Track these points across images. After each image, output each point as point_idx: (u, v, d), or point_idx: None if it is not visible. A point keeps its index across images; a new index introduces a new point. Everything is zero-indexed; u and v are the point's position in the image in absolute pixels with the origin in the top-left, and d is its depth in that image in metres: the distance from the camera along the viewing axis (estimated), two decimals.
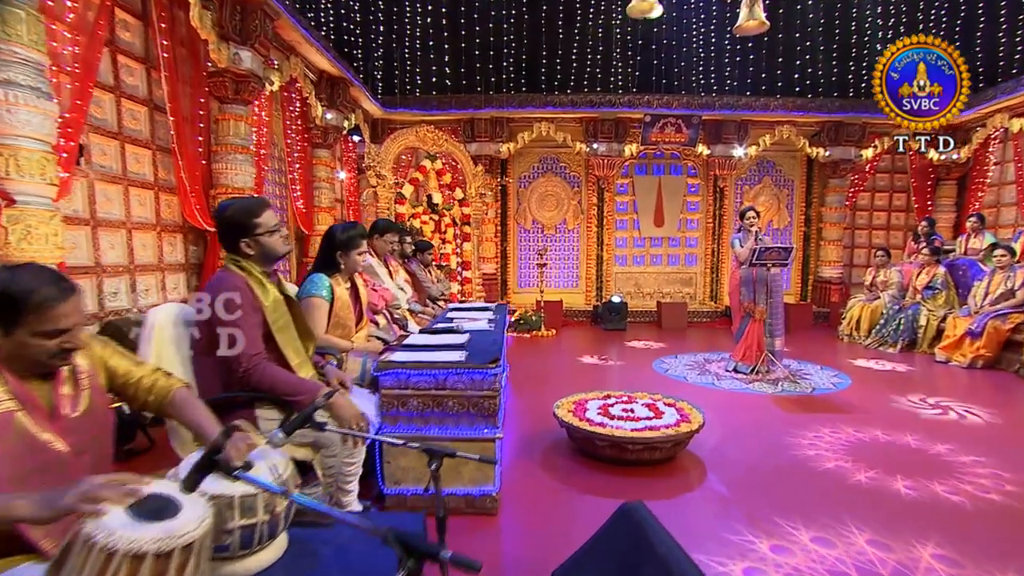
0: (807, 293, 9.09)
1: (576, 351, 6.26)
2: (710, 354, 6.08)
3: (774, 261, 4.82)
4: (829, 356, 6.13)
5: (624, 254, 9.15)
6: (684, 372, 5.21)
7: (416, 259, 5.28)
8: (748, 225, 5.17)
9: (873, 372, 5.37)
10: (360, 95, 7.45)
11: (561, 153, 8.95)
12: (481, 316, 3.84)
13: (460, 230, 7.82)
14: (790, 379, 4.87)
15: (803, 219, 9.06)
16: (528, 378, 4.97)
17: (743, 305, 5.19)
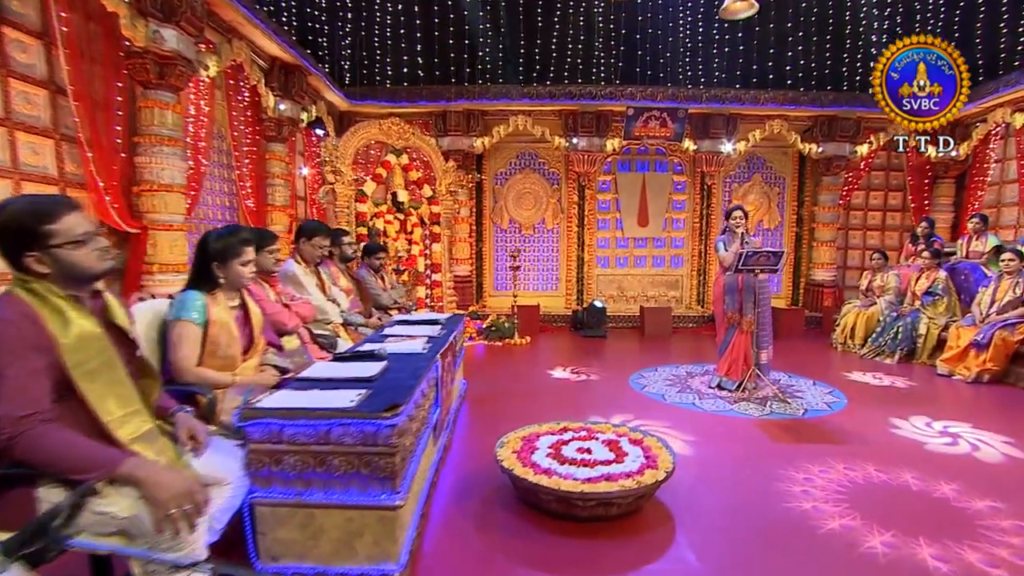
0: (799, 297, 8.58)
1: (548, 362, 5.72)
2: (693, 366, 5.55)
3: (762, 266, 4.28)
4: (822, 368, 5.62)
5: (606, 255, 8.61)
6: (663, 389, 4.68)
7: (364, 263, 4.73)
8: (734, 226, 4.64)
9: (870, 388, 4.86)
10: (321, 85, 6.86)
11: (540, 148, 8.39)
12: (422, 332, 3.29)
13: (429, 230, 7.25)
14: (779, 397, 4.34)
15: (795, 219, 8.55)
16: (487, 397, 4.42)
17: (727, 315, 4.66)
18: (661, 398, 4.38)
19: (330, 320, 3.42)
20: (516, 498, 2.56)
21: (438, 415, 2.76)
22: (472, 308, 8.15)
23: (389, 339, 3.14)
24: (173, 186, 4.42)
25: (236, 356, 2.24)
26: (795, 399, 4.36)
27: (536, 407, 4.12)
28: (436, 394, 2.73)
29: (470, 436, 3.49)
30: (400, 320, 3.88)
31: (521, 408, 4.10)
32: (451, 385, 3.37)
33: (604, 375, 5.21)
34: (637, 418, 3.84)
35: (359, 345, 2.98)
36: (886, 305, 6.37)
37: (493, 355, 6.28)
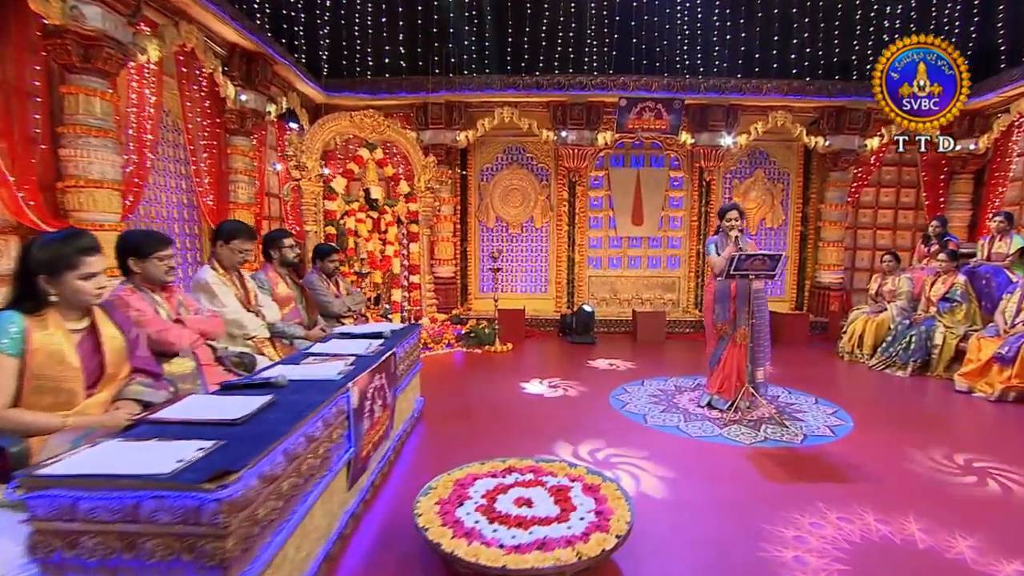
0: (803, 301, 7.99)
1: (526, 373, 5.21)
2: (684, 379, 5.02)
3: (757, 271, 3.75)
4: (827, 382, 5.06)
5: (599, 256, 8.08)
6: (646, 407, 4.16)
7: (316, 267, 4.25)
8: (728, 227, 4.10)
9: (880, 407, 4.30)
10: (292, 75, 6.39)
11: (527, 142, 7.87)
12: (353, 350, 2.80)
13: (406, 229, 6.77)
14: (776, 420, 3.82)
15: (800, 217, 7.96)
16: (447, 417, 3.94)
17: (717, 326, 4.14)
18: (642, 420, 3.87)
19: (252, 334, 2.95)
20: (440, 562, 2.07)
21: (353, 453, 2.27)
22: (455, 311, 7.67)
23: (309, 359, 2.66)
24: (104, 182, 3.96)
25: (77, 392, 1.77)
26: (794, 422, 3.83)
27: (498, 431, 3.63)
28: (349, 431, 2.24)
29: (411, 472, 3.00)
30: (341, 333, 3.40)
31: (481, 432, 3.61)
32: (388, 411, 2.89)
33: (584, 389, 4.70)
34: (609, 446, 3.34)
35: (269, 367, 2.50)
36: (897, 312, 5.80)
37: (469, 364, 5.80)
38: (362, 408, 2.41)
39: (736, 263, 3.71)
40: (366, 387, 2.49)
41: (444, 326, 6.64)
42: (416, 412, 3.76)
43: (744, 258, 3.69)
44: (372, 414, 2.58)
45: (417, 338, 3.83)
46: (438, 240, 7.72)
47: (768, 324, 4.10)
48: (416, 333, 3.80)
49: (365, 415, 2.45)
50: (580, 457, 3.15)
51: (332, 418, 2.07)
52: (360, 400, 2.37)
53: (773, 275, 3.80)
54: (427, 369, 5.40)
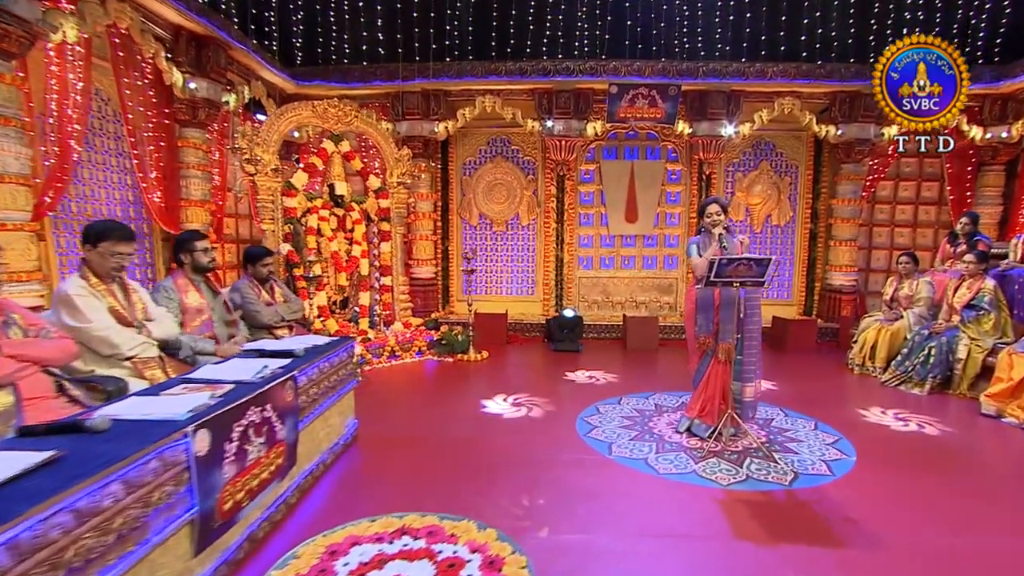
0: (812, 305, 7.34)
1: (492, 387, 4.72)
2: (668, 395, 4.49)
3: (742, 278, 3.19)
4: (831, 401, 4.47)
5: (590, 255, 7.53)
6: (616, 433, 3.63)
7: (248, 272, 3.81)
8: (710, 224, 3.56)
9: (891, 435, 3.71)
10: (253, 63, 5.96)
11: (512, 134, 7.36)
12: (240, 375, 2.34)
13: (377, 227, 6.31)
14: (764, 451, 3.26)
15: (809, 214, 7.30)
16: (384, 443, 3.47)
17: (700, 339, 3.59)
18: (606, 450, 3.34)
19: (127, 354, 2.50)
20: None
21: (200, 511, 1.80)
22: (435, 315, 7.21)
23: (179, 387, 2.20)
24: (4, 176, 3.56)
25: None
26: (785, 455, 3.27)
27: (436, 462, 3.15)
28: (191, 485, 1.77)
29: (316, 518, 2.53)
30: (249, 349, 2.94)
31: (417, 462, 3.13)
32: (282, 447, 2.42)
33: (551, 408, 4.18)
34: (560, 483, 2.82)
35: (111, 402, 2.05)
36: (915, 320, 5.16)
37: (434, 375, 5.33)
38: (220, 452, 1.94)
39: (717, 268, 3.16)
40: (233, 425, 2.02)
41: (418, 332, 6.17)
42: (345, 438, 3.29)
43: (725, 262, 3.14)
44: (245, 456, 2.11)
45: (347, 353, 3.36)
46: (416, 239, 7.26)
47: (759, 335, 3.53)
48: (345, 348, 3.33)
49: (228, 460, 1.98)
50: (520, 502, 2.64)
51: (151, 474, 1.61)
52: (217, 443, 1.90)
53: (762, 282, 3.23)
54: (386, 380, 4.97)
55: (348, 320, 6.04)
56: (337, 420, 3.20)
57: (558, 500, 2.67)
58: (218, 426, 1.93)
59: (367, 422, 3.77)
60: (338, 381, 3.20)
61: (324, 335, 5.16)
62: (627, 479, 2.93)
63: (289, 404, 2.51)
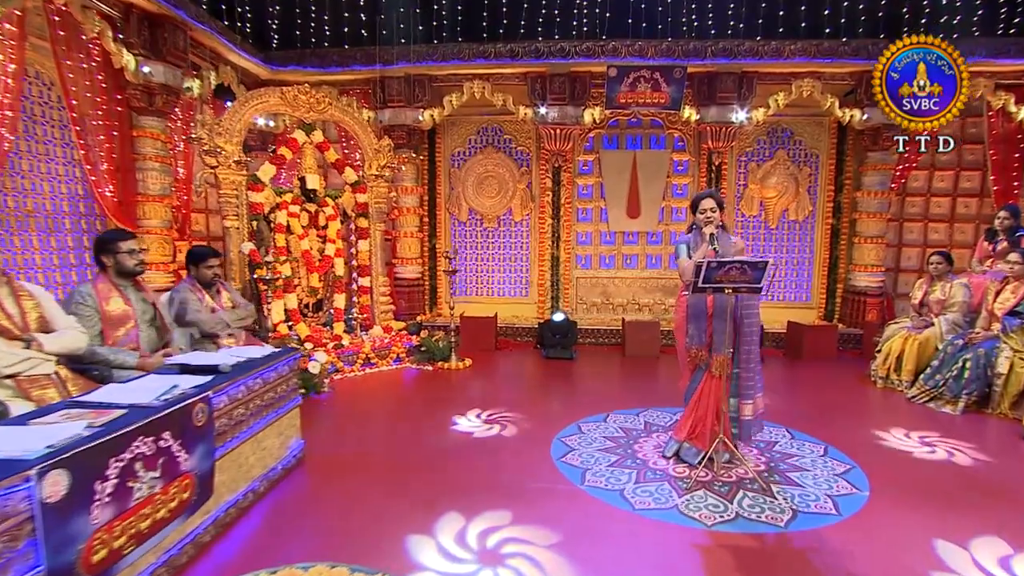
0: (834, 309, 6.95)
1: (468, 401, 4.49)
2: (661, 411, 4.20)
3: (734, 283, 2.90)
4: (846, 420, 4.13)
5: (588, 253, 7.25)
6: (592, 458, 3.37)
7: (191, 275, 3.61)
8: (703, 221, 3.28)
9: (913, 464, 3.37)
10: (219, 45, 5.78)
11: (504, 122, 7.09)
12: (139, 397, 2.13)
13: (354, 224, 6.10)
14: (759, 483, 2.97)
15: (831, 208, 6.90)
16: (335, 466, 3.25)
17: (691, 352, 3.30)
18: (579, 478, 3.07)
19: (5, 373, 2.30)
20: None
21: (46, 571, 1.59)
22: (421, 318, 7.00)
23: (60, 412, 2.00)
24: None
25: None
26: (784, 488, 2.97)
27: (383, 490, 2.92)
28: (32, 539, 1.56)
29: (234, 562, 2.31)
30: (170, 364, 2.73)
31: (360, 492, 2.90)
32: (187, 479, 2.20)
33: (527, 426, 3.93)
34: (515, 522, 2.57)
35: None
36: (948, 328, 4.79)
37: (409, 385, 5.12)
38: (87, 494, 1.72)
39: (705, 272, 2.87)
40: (110, 460, 1.80)
41: (398, 337, 5.95)
42: (286, 462, 3.08)
43: (714, 266, 2.85)
44: (129, 494, 1.89)
45: (288, 367, 3.14)
46: (400, 236, 7.05)
47: (758, 345, 3.24)
48: (286, 362, 3.11)
49: (99, 502, 1.76)
50: (464, 543, 2.39)
51: None
52: (81, 484, 1.69)
53: (758, 288, 2.93)
54: (355, 391, 4.76)
55: (322, 324, 5.85)
56: (275, 442, 2.98)
57: (512, 537, 2.42)
58: (84, 464, 1.71)
59: (322, 440, 3.59)
60: (275, 398, 2.98)
61: (288, 342, 5.01)
62: (595, 516, 2.65)
63: (200, 429, 2.29)
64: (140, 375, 2.58)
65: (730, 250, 3.21)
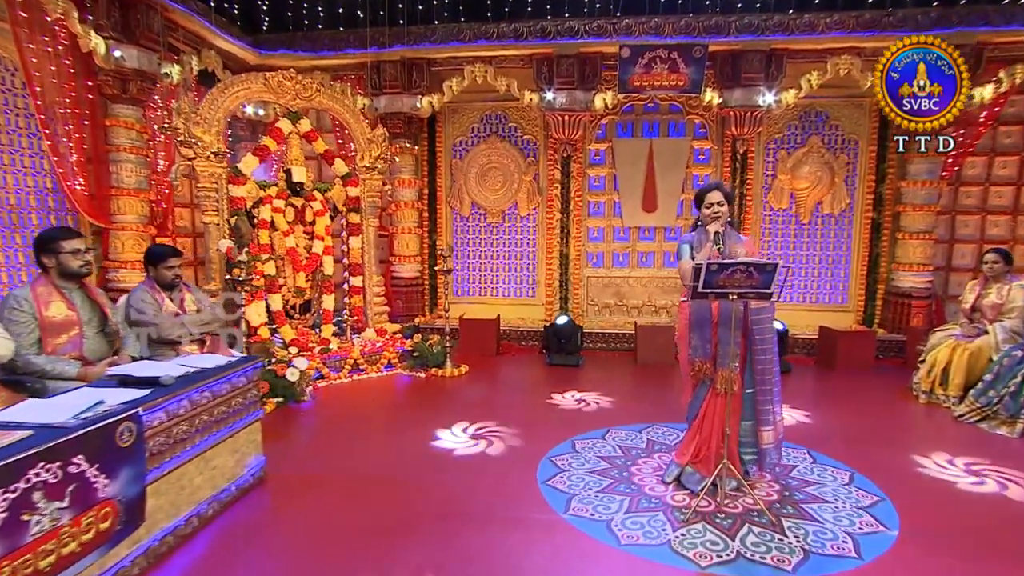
0: (874, 313, 6.55)
1: (455, 413, 4.32)
2: (667, 428, 3.97)
3: (741, 289, 2.66)
4: (878, 442, 3.81)
5: (600, 251, 7.00)
6: (582, 482, 3.16)
7: (149, 277, 3.52)
8: (709, 217, 3.04)
9: (956, 498, 3.06)
10: (200, 28, 5.73)
11: (510, 109, 6.90)
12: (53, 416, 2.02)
13: (345, 220, 6.00)
14: (769, 516, 2.72)
15: (871, 200, 6.50)
16: (301, 485, 3.13)
17: (694, 364, 3.07)
18: (563, 506, 2.87)
19: None
20: None
21: None
22: (419, 320, 6.87)
23: None
24: None
25: None
26: (799, 523, 2.71)
27: (342, 516, 2.77)
28: None
29: None
30: (110, 375, 2.62)
31: (318, 518, 2.76)
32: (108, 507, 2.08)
33: (516, 443, 3.74)
34: (474, 560, 2.38)
35: None
36: (1005, 336, 4.41)
37: (396, 394, 5.00)
38: None
39: (705, 276, 2.63)
40: None
41: (392, 340, 5.82)
42: (243, 482, 2.96)
43: (715, 269, 2.61)
44: (24, 529, 1.77)
45: (247, 378, 3.01)
46: (398, 232, 6.92)
47: (776, 361, 2.99)
48: (244, 372, 2.98)
49: None
50: None
51: None
52: None
53: (768, 294, 2.68)
54: (336, 401, 4.65)
55: (309, 327, 5.76)
56: (227, 460, 2.86)
57: None
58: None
59: (292, 454, 3.51)
60: (229, 413, 2.86)
61: (270, 346, 4.93)
62: (570, 553, 2.45)
63: (126, 451, 2.16)
64: (71, 387, 2.48)
65: (738, 251, 2.97)
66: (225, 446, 2.85)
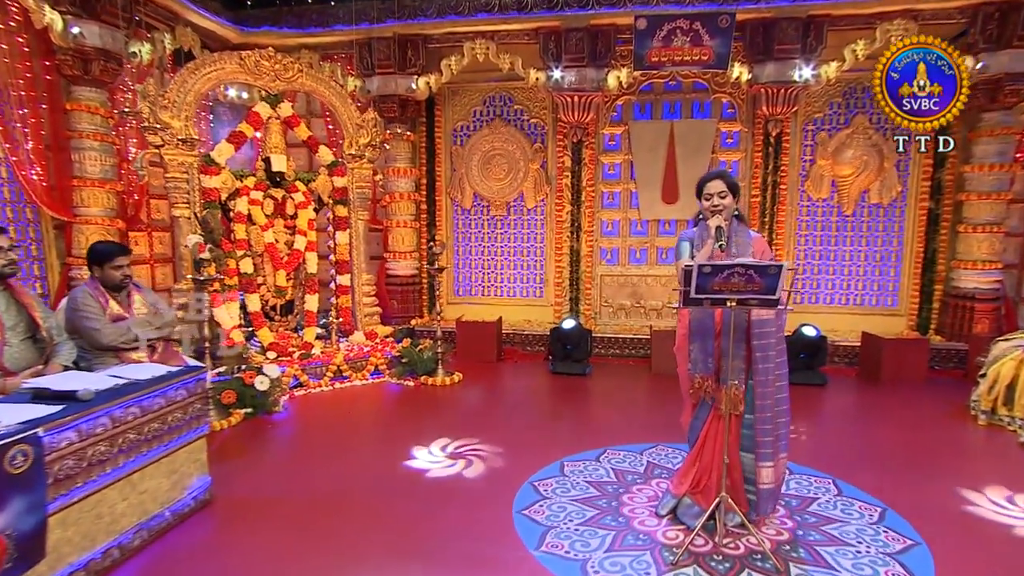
0: (929, 318, 6.12)
1: (437, 427, 4.17)
2: (673, 448, 3.75)
3: (741, 294, 2.42)
4: (919, 471, 3.50)
5: (615, 247, 6.77)
6: (565, 511, 2.96)
7: (92, 277, 3.45)
8: (709, 210, 2.81)
9: (1012, 545, 2.75)
10: (174, 3, 5.70)
11: (515, 90, 6.71)
12: None
13: (332, 213, 5.91)
14: (774, 562, 2.48)
15: (927, 187, 6.08)
16: (240, 511, 3.03)
17: (695, 381, 2.84)
18: (536, 541, 2.67)
19: None
20: None
21: None
22: (415, 322, 6.76)
23: None
24: None
25: None
26: (808, 571, 2.46)
27: (288, 547, 2.65)
28: None
29: None
30: (28, 388, 2.54)
31: (260, 549, 2.65)
32: None
33: (498, 463, 3.58)
34: None
35: None
36: None
37: (381, 405, 4.88)
38: None
39: (697, 279, 2.40)
40: None
41: (382, 345, 5.72)
42: (182, 506, 2.86)
43: (708, 271, 2.37)
44: None
45: (187, 390, 2.91)
46: (393, 226, 6.80)
47: (785, 380, 2.74)
48: (185, 383, 2.89)
49: None
50: None
51: None
52: None
53: (773, 301, 2.43)
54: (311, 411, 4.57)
55: (291, 330, 5.70)
56: (161, 483, 2.76)
57: None
58: None
59: (250, 473, 3.46)
60: (164, 430, 2.76)
61: (244, 352, 4.86)
62: None
63: (19, 477, 2.06)
64: None
65: (747, 250, 2.72)
66: (159, 467, 2.75)
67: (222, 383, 4.30)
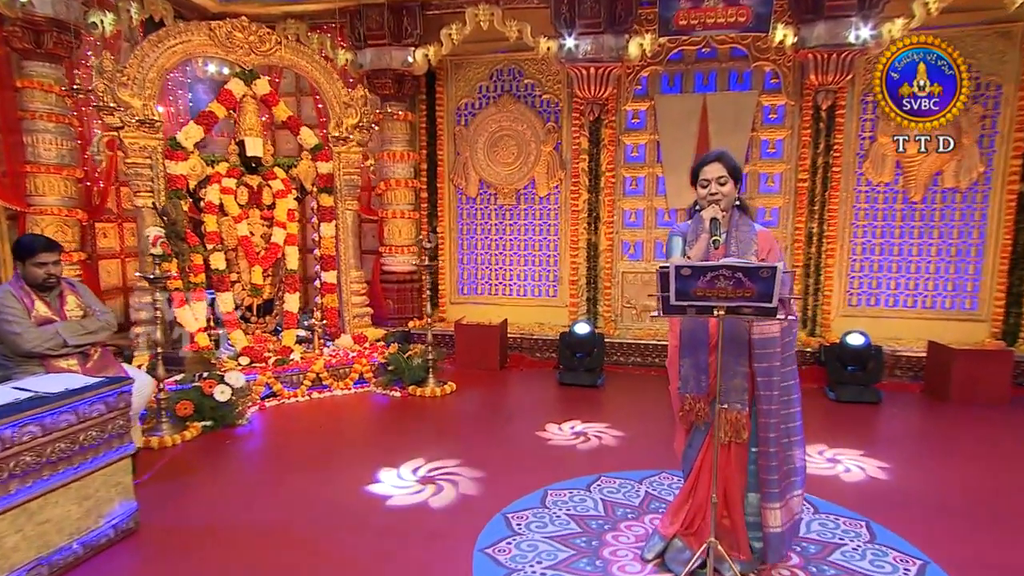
0: (1018, 325, 5.62)
1: (411, 447, 4.04)
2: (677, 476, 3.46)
3: (731, 301, 2.18)
4: (983, 514, 3.16)
5: (639, 239, 6.52)
6: (535, 552, 2.77)
7: (16, 275, 3.44)
8: (705, 199, 2.59)
9: None
10: None
11: (524, 62, 6.51)
12: None
13: (316, 202, 5.84)
14: None
15: (1018, 168, 5.58)
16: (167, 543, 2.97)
17: (686, 401, 2.61)
18: None
19: None
20: None
21: None
22: (414, 324, 6.65)
23: None
24: None
25: None
26: None
27: None
28: None
29: None
30: None
31: None
32: None
33: (471, 491, 3.42)
34: None
35: None
36: None
37: (357, 418, 4.79)
38: None
39: (676, 283, 2.18)
40: None
41: (372, 350, 5.63)
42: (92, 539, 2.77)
43: (689, 274, 2.14)
44: None
45: (106, 404, 2.84)
46: (389, 216, 6.71)
47: (797, 404, 2.49)
48: (102, 397, 2.82)
49: None
50: None
51: None
52: None
53: (771, 309, 2.17)
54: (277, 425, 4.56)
55: (270, 332, 5.66)
56: (71, 511, 2.69)
57: None
58: None
59: (188, 498, 3.37)
60: (75, 450, 2.69)
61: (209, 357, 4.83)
62: None
63: None
64: None
65: (749, 248, 2.49)
66: (66, 493, 2.68)
67: (179, 392, 4.27)
